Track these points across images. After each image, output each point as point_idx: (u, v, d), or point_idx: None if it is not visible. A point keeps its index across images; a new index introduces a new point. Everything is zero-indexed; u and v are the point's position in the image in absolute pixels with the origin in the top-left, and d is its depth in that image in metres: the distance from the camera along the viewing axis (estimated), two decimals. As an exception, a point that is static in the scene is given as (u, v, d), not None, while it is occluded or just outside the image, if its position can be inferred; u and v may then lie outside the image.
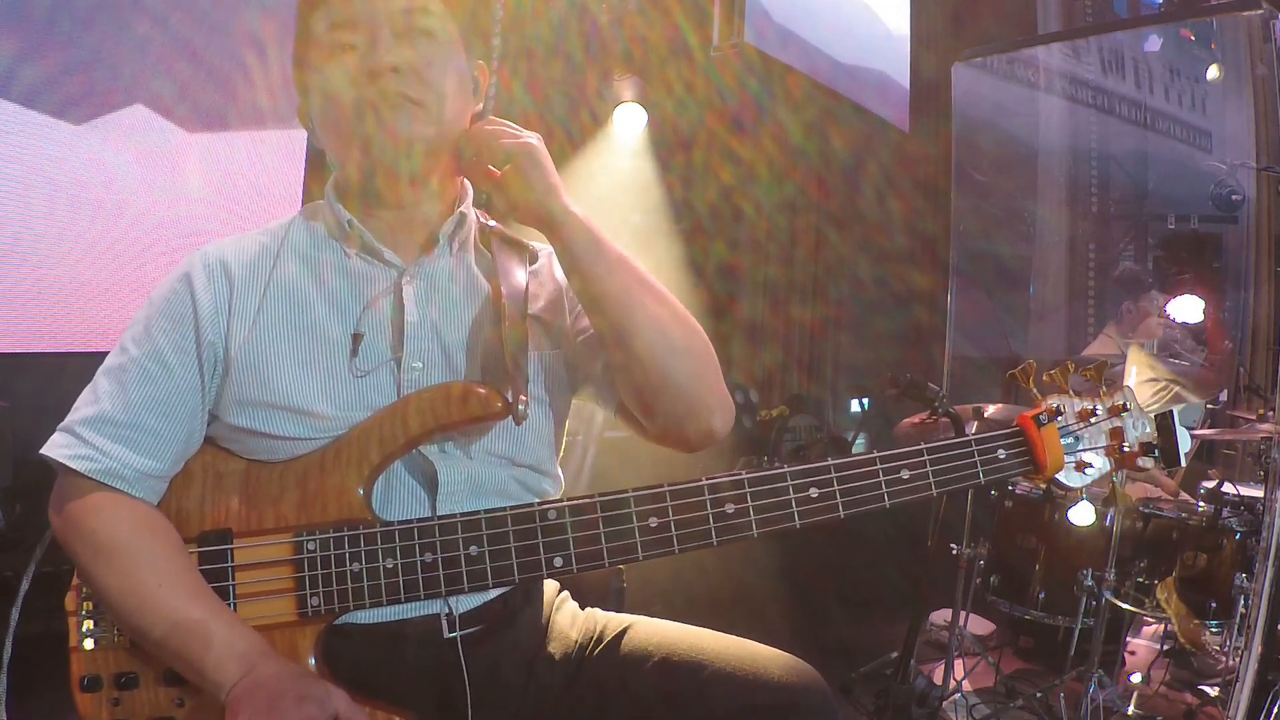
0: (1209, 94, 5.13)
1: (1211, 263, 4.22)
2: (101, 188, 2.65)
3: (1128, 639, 2.85)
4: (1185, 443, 1.04)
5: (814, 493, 0.98)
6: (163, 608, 0.93)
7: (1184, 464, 1.05)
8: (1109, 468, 1.05)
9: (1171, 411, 1.05)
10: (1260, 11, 2.72)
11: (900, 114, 4.23)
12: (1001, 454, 1.02)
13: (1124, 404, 1.05)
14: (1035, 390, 1.05)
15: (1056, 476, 1.04)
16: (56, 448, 0.99)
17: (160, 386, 1.01)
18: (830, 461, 0.99)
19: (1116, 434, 1.05)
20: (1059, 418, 1.04)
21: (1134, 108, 5.50)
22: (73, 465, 0.97)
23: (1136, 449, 1.04)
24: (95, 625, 0.98)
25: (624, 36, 3.95)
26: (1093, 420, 1.05)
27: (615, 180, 4.06)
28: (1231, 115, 4.84)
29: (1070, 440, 1.04)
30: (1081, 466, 1.04)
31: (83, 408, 1.01)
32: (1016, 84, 5.11)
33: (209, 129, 2.85)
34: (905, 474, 1.00)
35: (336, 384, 1.03)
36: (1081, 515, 2.72)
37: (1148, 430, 1.05)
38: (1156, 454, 1.04)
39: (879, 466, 1.00)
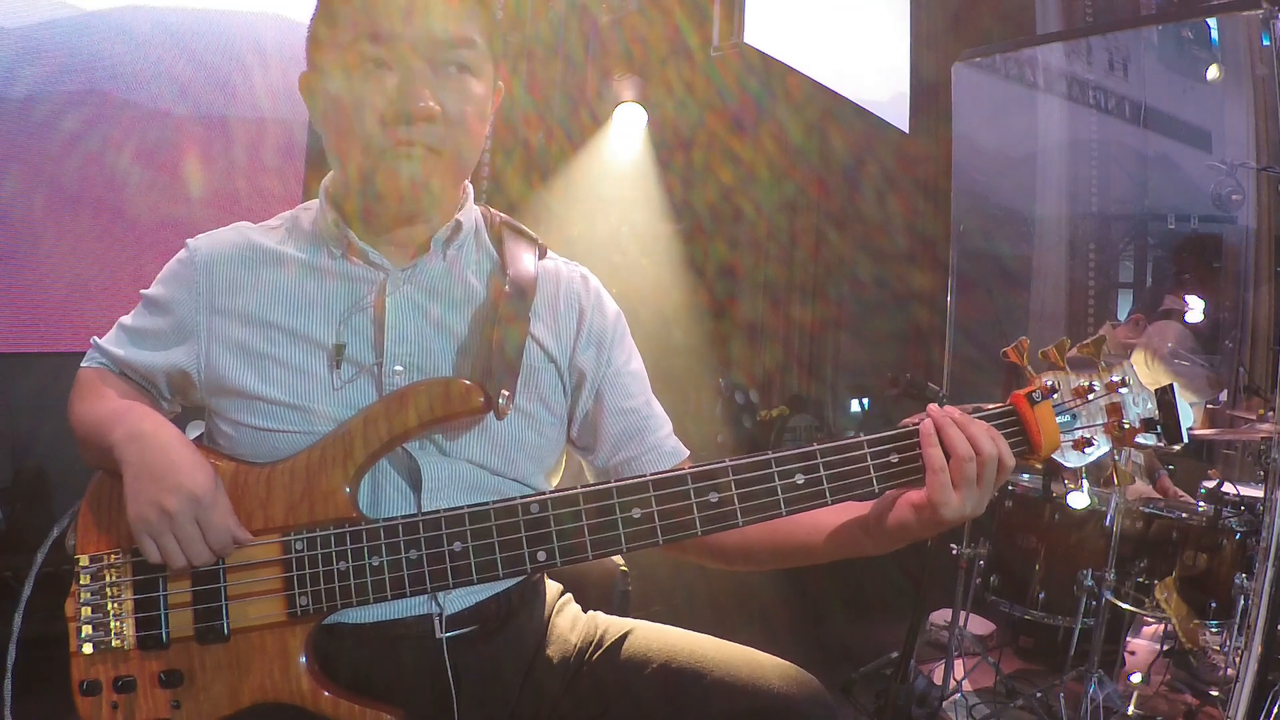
0: (1209, 94, 5.13)
1: (1211, 263, 4.21)
2: (101, 187, 2.65)
3: (1128, 639, 2.85)
4: (1187, 418, 0.97)
5: (800, 479, 0.94)
6: (100, 408, 1.06)
7: (1186, 440, 0.99)
8: (1109, 446, 0.98)
9: (1172, 386, 0.98)
10: (1260, 11, 2.71)
11: (900, 114, 4.22)
12: None
13: (1123, 379, 0.98)
14: (1029, 368, 0.98)
15: (1053, 456, 0.97)
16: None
17: (151, 335, 1.12)
18: (816, 447, 0.95)
19: (1115, 410, 0.97)
20: (1054, 395, 0.97)
21: (1134, 108, 5.50)
22: (85, 364, 1.17)
23: (1137, 425, 0.97)
24: (94, 630, 0.97)
25: (624, 36, 3.95)
26: (1090, 397, 0.97)
27: (615, 180, 4.05)
28: (1231, 115, 4.83)
29: (1067, 419, 0.97)
30: (1080, 445, 0.97)
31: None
32: (1016, 84, 5.11)
33: (209, 129, 2.85)
34: (894, 458, 0.95)
35: (317, 383, 1.04)
36: (1077, 500, 2.70)
37: (1149, 406, 0.97)
38: (1159, 430, 0.97)
39: (866, 451, 0.95)
